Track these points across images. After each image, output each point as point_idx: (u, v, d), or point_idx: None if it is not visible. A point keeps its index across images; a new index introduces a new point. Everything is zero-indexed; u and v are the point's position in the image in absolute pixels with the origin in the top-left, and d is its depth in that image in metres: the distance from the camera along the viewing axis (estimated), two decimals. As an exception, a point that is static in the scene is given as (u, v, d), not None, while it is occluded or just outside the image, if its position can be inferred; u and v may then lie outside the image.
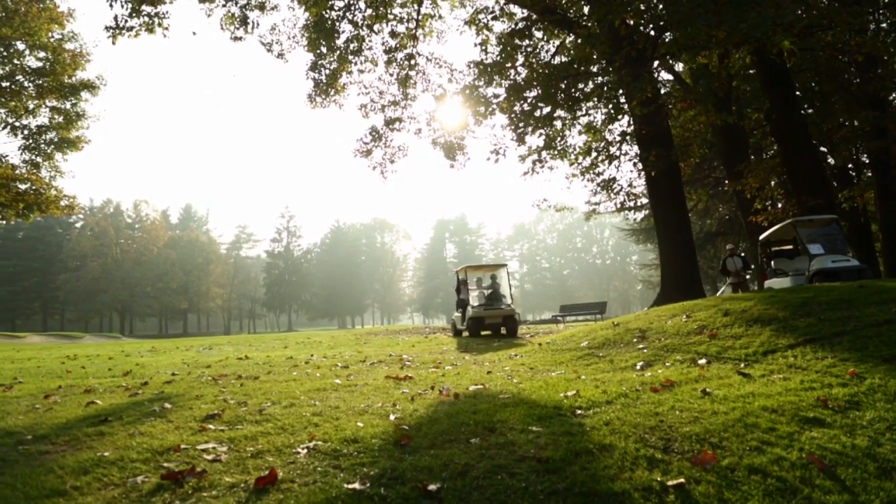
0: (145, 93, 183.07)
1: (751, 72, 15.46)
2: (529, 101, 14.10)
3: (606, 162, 15.94)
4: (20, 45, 19.17)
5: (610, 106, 14.08)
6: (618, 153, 16.28)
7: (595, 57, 12.77)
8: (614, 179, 16.11)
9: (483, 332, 15.26)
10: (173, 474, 2.93)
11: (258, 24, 13.87)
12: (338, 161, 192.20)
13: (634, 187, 17.58)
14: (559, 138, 16.09)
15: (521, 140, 14.53)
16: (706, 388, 4.35)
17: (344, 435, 3.58)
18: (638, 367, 5.95)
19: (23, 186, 19.71)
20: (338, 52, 15.50)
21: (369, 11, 15.18)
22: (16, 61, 19.38)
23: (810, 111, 17.13)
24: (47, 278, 77.25)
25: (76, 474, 3.13)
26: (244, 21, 14.15)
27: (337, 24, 15.04)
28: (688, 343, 6.69)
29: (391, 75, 16.64)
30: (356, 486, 2.65)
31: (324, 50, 15.40)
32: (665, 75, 17.10)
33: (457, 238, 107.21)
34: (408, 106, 16.85)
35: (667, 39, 11.83)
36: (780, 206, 17.05)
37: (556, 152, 15.89)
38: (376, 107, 16.76)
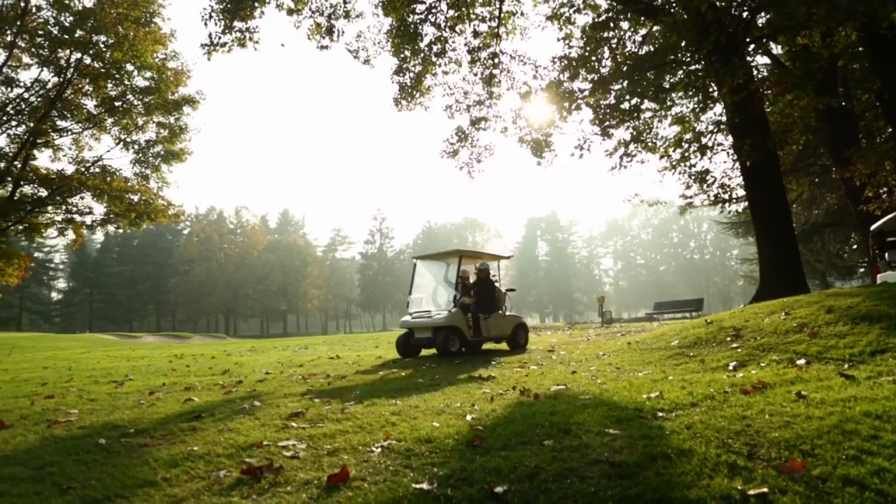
0: (241, 104, 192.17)
1: (859, 49, 14.38)
2: (615, 93, 13.72)
3: (698, 153, 15.25)
4: (129, 67, 20.58)
5: (700, 95, 13.50)
6: (710, 143, 15.56)
7: (682, 45, 12.27)
8: (708, 171, 15.39)
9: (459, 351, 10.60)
10: (253, 469, 3.06)
11: (343, 33, 14.22)
12: (427, 162, 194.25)
13: (730, 178, 16.74)
14: (647, 131, 15.58)
15: (606, 134, 14.16)
16: (802, 390, 4.08)
17: (419, 434, 3.61)
18: (730, 368, 5.67)
19: (134, 197, 21.17)
20: (421, 54, 15.67)
21: (451, 13, 15.26)
22: (126, 82, 20.84)
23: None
24: (159, 282, 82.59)
25: (167, 467, 3.33)
26: (330, 30, 14.55)
27: (420, 27, 15.20)
28: (786, 342, 6.30)
29: (475, 75, 16.64)
30: (424, 486, 2.67)
31: (408, 53, 15.61)
32: (760, 59, 16.20)
33: (548, 236, 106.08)
34: (493, 105, 16.81)
35: (760, 22, 11.21)
36: (894, 193, 15.80)
37: (644, 145, 15.39)
38: (461, 107, 16.82)
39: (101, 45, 19.76)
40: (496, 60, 16.47)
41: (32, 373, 11.33)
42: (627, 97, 13.33)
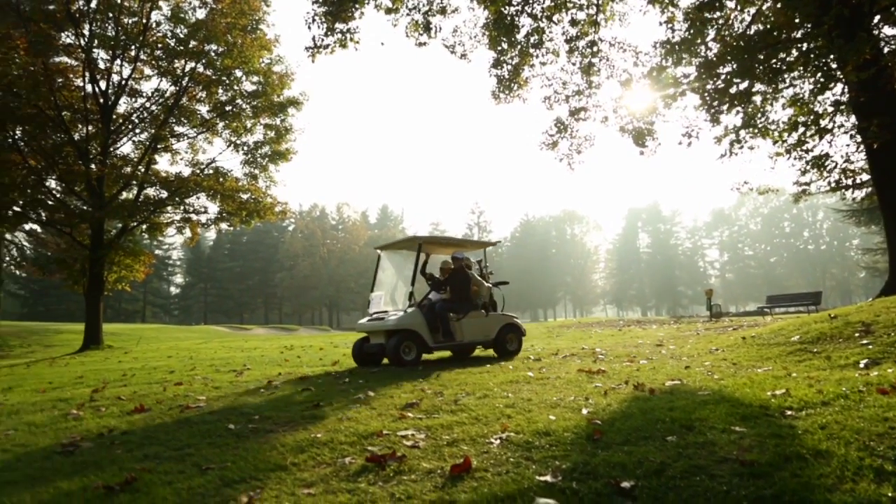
0: (341, 103, 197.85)
1: None
2: (723, 77, 13.08)
3: (817, 136, 14.28)
4: (238, 73, 21.68)
5: (819, 74, 12.62)
6: (830, 126, 14.54)
7: (798, 21, 11.51)
8: (827, 156, 14.39)
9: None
10: (377, 458, 3.17)
11: (440, 28, 14.29)
12: (524, 154, 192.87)
13: (852, 162, 15.59)
14: (759, 115, 14.76)
15: (715, 120, 13.53)
16: (950, 390, 3.77)
17: (536, 427, 3.62)
18: (861, 366, 5.31)
19: (245, 196, 22.29)
20: (518, 46, 15.54)
21: (548, 2, 15.03)
22: (235, 87, 21.96)
23: None
24: (267, 277, 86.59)
25: (294, 452, 3.50)
26: (427, 27, 14.68)
27: (516, 18, 15.08)
28: (925, 338, 5.83)
29: (573, 64, 16.32)
30: (548, 478, 2.67)
31: (505, 46, 15.52)
32: (889, 30, 14.97)
33: (650, 227, 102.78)
34: (592, 94, 16.43)
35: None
36: None
37: (756, 130, 14.57)
38: (560, 98, 16.54)
39: (213, 54, 20.87)
40: (595, 49, 16.09)
41: (159, 361, 12.22)
42: (737, 80, 12.69)
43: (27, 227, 25.67)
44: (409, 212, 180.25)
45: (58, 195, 20.83)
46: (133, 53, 20.45)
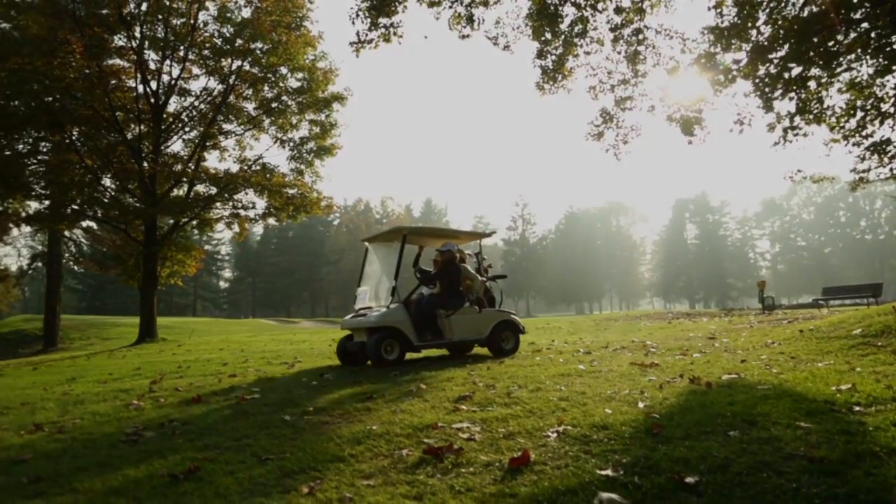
0: (384, 97, 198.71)
1: None
2: (776, 62, 12.67)
3: (877, 121, 13.71)
4: (283, 70, 21.97)
5: (880, 56, 12.11)
6: (892, 110, 13.96)
7: (856, 1, 11.06)
8: (888, 141, 13.78)
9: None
10: (434, 450, 3.17)
11: (483, 20, 14.17)
12: (568, 146, 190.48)
13: (916, 148, 14.98)
14: (814, 100, 14.26)
15: (768, 107, 13.09)
16: None
17: (593, 421, 3.58)
18: (931, 359, 5.10)
19: (291, 191, 22.62)
20: (562, 36, 15.33)
21: (592, -10, 14.81)
22: (281, 84, 22.26)
23: None
24: (313, 271, 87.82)
25: (351, 444, 3.54)
26: (470, 19, 14.59)
27: (560, 8, 14.86)
28: None
29: (619, 53, 16.00)
30: (609, 472, 2.64)
31: (548, 36, 15.32)
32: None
33: (697, 218, 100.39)
34: (638, 83, 16.09)
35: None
36: None
37: (811, 116, 14.09)
38: (605, 87, 16.25)
39: (258, 52, 21.17)
40: (641, 36, 15.75)
41: (212, 354, 12.53)
42: (791, 65, 12.28)
43: (84, 224, 26.52)
44: (453, 205, 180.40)
45: (112, 193, 21.50)
46: (182, 53, 20.91)
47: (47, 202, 21.27)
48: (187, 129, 22.64)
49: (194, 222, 22.93)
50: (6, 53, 17.28)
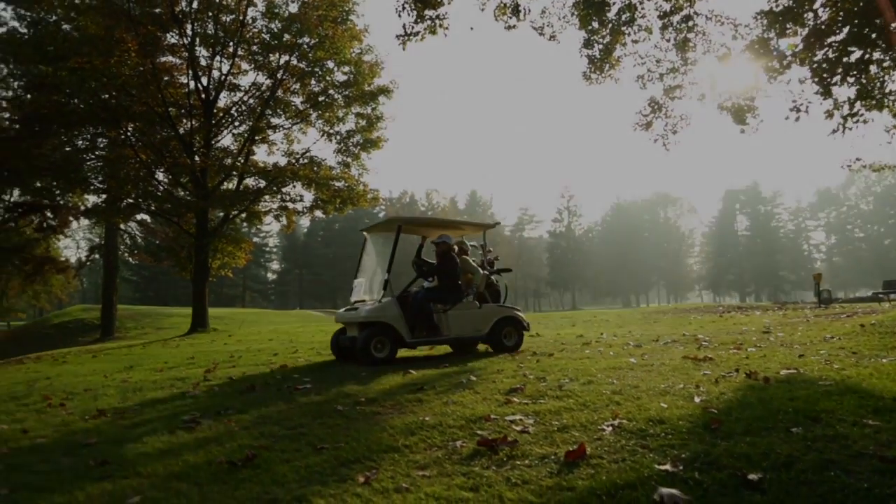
0: (429, 89, 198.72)
1: None
2: (835, 46, 12.22)
3: (944, 107, 13.14)
4: (330, 64, 22.19)
5: (948, 38, 11.58)
6: (960, 95, 13.32)
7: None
8: (955, 127, 13.23)
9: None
10: (488, 442, 3.17)
11: (529, 10, 14.01)
12: (614, 137, 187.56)
13: None
14: (876, 85, 13.70)
15: (826, 93, 12.65)
16: None
17: (648, 415, 3.52)
18: None
19: (338, 184, 22.92)
20: (610, 24, 15.06)
21: (641, -24, 14.50)
22: (328, 78, 22.49)
23: None
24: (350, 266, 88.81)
25: (405, 434, 3.57)
26: (516, 9, 14.46)
27: (607, -5, 14.64)
28: None
29: (667, 41, 15.63)
30: (667, 467, 2.59)
31: (595, 25, 15.07)
32: None
33: (748, 209, 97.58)
34: (688, 71, 15.69)
35: None
36: None
37: (872, 102, 13.54)
38: (653, 76, 15.90)
39: (305, 46, 21.44)
40: (690, 23, 15.35)
41: (262, 344, 12.80)
42: (851, 48, 11.83)
43: (139, 217, 27.37)
44: (498, 197, 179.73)
45: (165, 187, 22.13)
46: (231, 49, 21.33)
47: (104, 196, 22.08)
48: (237, 123, 23.13)
49: (244, 215, 23.44)
50: (67, 53, 17.96)
